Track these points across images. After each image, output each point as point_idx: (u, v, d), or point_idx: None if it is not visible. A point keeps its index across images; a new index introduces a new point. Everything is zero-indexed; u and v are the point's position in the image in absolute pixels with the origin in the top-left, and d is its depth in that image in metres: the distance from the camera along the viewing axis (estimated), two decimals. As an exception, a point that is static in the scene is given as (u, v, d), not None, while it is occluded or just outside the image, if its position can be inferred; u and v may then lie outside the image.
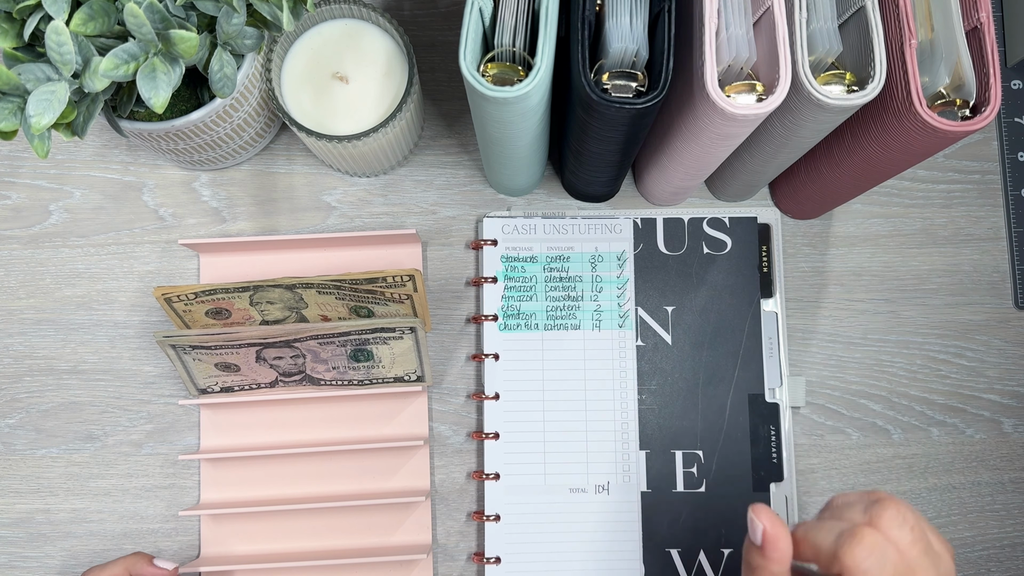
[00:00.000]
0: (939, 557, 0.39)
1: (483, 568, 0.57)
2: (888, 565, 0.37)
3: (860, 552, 0.37)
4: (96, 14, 0.41)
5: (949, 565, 0.40)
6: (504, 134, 0.46)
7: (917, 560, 0.38)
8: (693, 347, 0.59)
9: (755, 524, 0.40)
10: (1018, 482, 0.60)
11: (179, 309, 0.55)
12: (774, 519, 0.40)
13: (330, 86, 0.54)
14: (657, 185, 0.58)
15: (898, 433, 0.60)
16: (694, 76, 0.43)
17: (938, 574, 0.39)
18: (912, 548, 0.38)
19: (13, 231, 0.61)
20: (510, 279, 0.59)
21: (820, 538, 0.39)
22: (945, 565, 0.39)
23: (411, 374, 0.56)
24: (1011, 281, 0.62)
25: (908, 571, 0.38)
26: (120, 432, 0.59)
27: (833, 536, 0.38)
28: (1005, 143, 0.63)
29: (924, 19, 0.45)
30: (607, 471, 0.58)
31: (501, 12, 0.43)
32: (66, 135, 0.43)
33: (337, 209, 0.61)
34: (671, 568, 0.57)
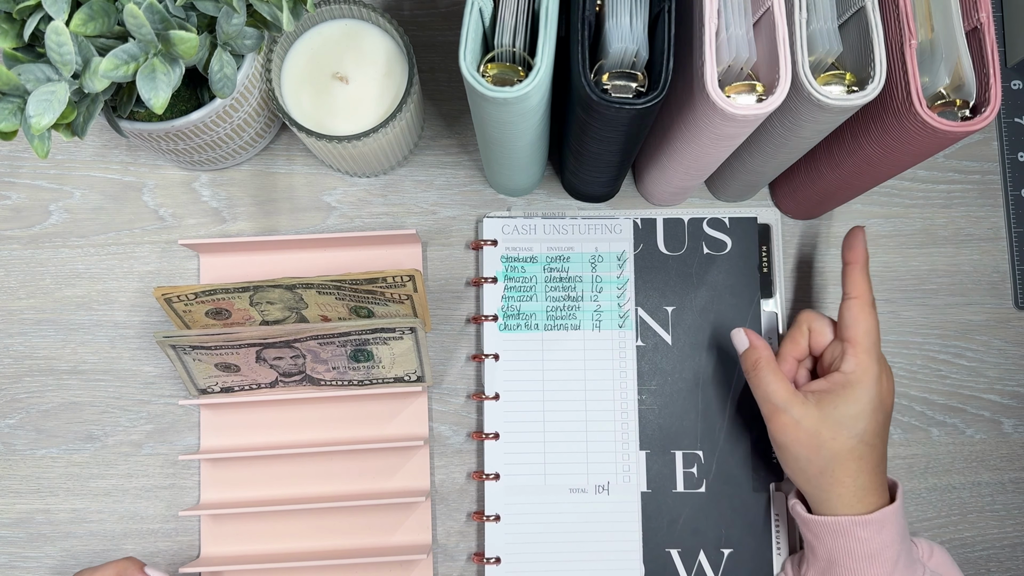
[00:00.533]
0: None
1: (483, 568, 0.57)
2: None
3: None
4: (96, 14, 0.41)
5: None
6: (504, 134, 0.46)
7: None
8: (693, 347, 0.59)
9: (738, 336, 0.53)
10: (1018, 482, 0.60)
11: (179, 309, 0.55)
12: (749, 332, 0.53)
13: (330, 86, 0.54)
14: (657, 185, 0.58)
15: (898, 433, 0.60)
16: (694, 76, 0.43)
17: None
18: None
19: (13, 231, 0.61)
20: (510, 279, 0.59)
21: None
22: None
23: (411, 374, 0.56)
24: (1011, 281, 0.62)
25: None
26: (120, 432, 0.59)
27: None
28: (1005, 143, 0.63)
29: (924, 19, 0.45)
30: (607, 471, 0.58)
31: (501, 12, 0.43)
32: (66, 135, 0.43)
33: (337, 209, 0.61)
34: (671, 568, 0.57)
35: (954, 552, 0.59)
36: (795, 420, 0.49)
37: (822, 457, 0.49)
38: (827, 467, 0.49)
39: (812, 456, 0.49)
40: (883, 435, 0.50)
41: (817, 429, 0.48)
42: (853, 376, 0.49)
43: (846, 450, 0.48)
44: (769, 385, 0.50)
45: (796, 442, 0.49)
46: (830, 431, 0.48)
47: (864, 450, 0.48)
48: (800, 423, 0.49)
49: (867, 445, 0.49)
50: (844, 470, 0.48)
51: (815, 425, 0.49)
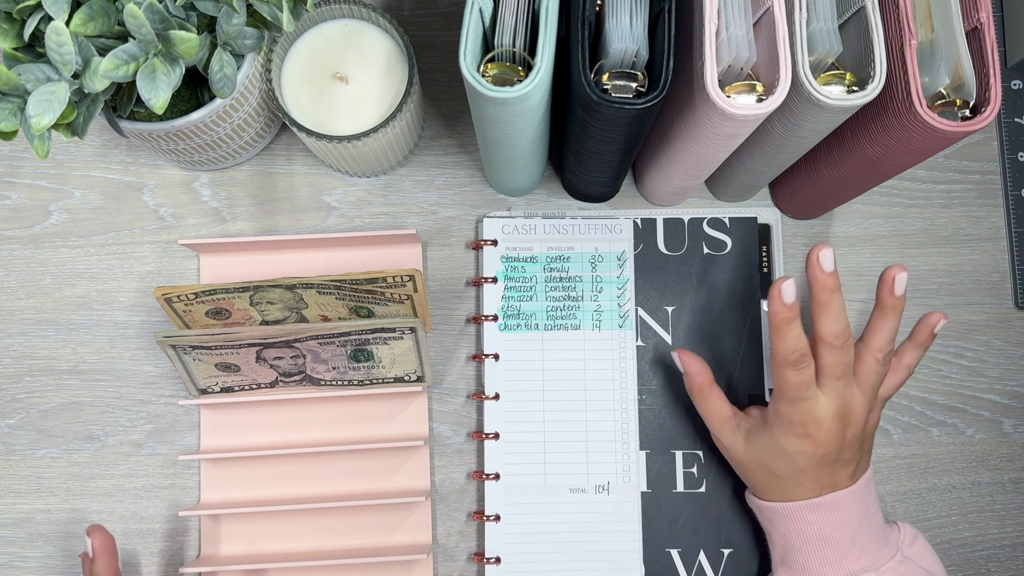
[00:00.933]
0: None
1: (483, 568, 0.57)
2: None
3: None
4: (96, 14, 0.41)
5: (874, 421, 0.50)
6: (504, 134, 0.46)
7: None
8: (693, 347, 0.59)
9: (677, 359, 0.53)
10: (1018, 482, 0.60)
11: (179, 309, 0.55)
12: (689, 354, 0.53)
13: (330, 86, 0.54)
14: (657, 185, 0.58)
15: (898, 433, 0.60)
16: (694, 76, 0.43)
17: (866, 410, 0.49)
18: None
19: (13, 231, 0.61)
20: (510, 279, 0.59)
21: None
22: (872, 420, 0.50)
23: (411, 374, 0.56)
24: (1011, 281, 0.62)
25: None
26: (120, 432, 0.59)
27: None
28: (1005, 143, 0.63)
29: (924, 19, 0.45)
30: (607, 471, 0.58)
31: (501, 12, 0.43)
32: (66, 135, 0.43)
33: (337, 209, 0.61)
34: (671, 568, 0.57)
35: (954, 552, 0.59)
36: (726, 446, 0.52)
37: (759, 477, 0.51)
38: (767, 482, 0.51)
39: (749, 475, 0.52)
40: (811, 474, 0.49)
41: (742, 459, 0.52)
42: (771, 420, 0.50)
43: (767, 481, 0.51)
44: (709, 409, 0.53)
45: (731, 461, 0.53)
46: (752, 463, 0.51)
47: (783, 484, 0.50)
48: (729, 450, 0.52)
49: (798, 470, 0.49)
50: (786, 484, 0.50)
51: (740, 456, 0.52)
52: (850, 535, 0.49)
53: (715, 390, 0.53)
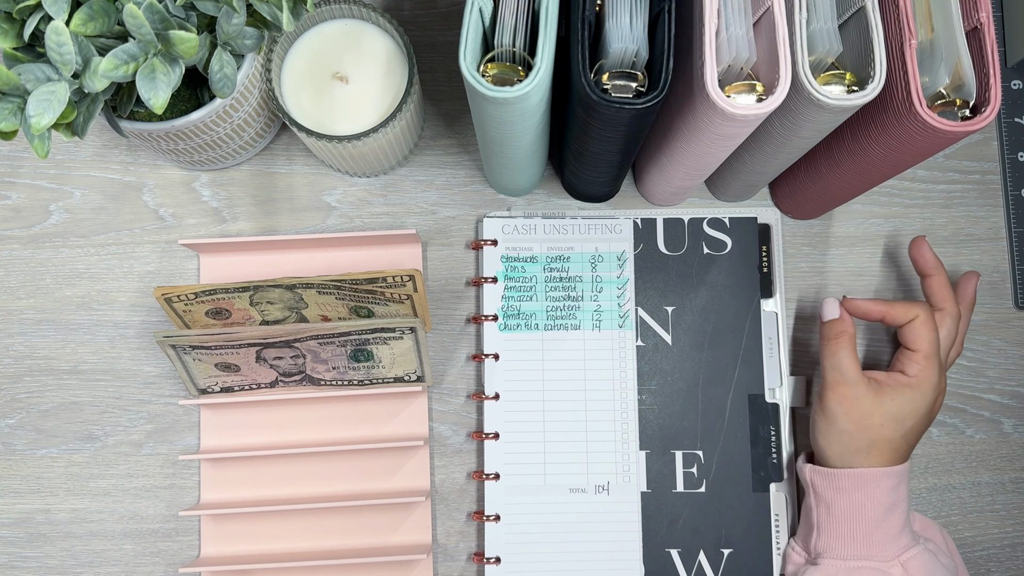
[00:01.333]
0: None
1: (483, 568, 0.57)
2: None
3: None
4: (96, 14, 0.41)
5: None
6: (504, 134, 0.46)
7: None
8: (693, 347, 0.59)
9: (831, 305, 0.54)
10: (1018, 482, 0.60)
11: (179, 309, 0.55)
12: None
13: (330, 86, 0.54)
14: (657, 185, 0.58)
15: (898, 433, 0.60)
16: (694, 76, 0.43)
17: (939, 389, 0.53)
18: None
19: (13, 231, 0.61)
20: (510, 279, 0.59)
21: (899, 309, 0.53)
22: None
23: (411, 374, 0.56)
24: (1011, 281, 0.62)
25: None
26: (120, 432, 0.59)
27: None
28: (1005, 143, 0.63)
29: (924, 19, 0.45)
30: (607, 471, 0.58)
31: (501, 12, 0.43)
32: (66, 135, 0.43)
33: (337, 209, 0.61)
34: (671, 568, 0.57)
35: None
36: (856, 396, 0.52)
37: (865, 437, 0.51)
38: (864, 447, 0.52)
39: (856, 433, 0.52)
40: (917, 438, 0.53)
41: (871, 412, 0.51)
42: (915, 380, 0.52)
43: (888, 440, 0.51)
44: (844, 359, 0.53)
45: (847, 416, 0.52)
46: (881, 419, 0.51)
47: (901, 444, 0.52)
48: (859, 401, 0.52)
49: (905, 441, 0.52)
50: (879, 455, 0.51)
51: (871, 408, 0.51)
52: (906, 508, 0.52)
53: (855, 345, 0.53)
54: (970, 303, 0.57)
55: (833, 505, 0.52)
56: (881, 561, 0.51)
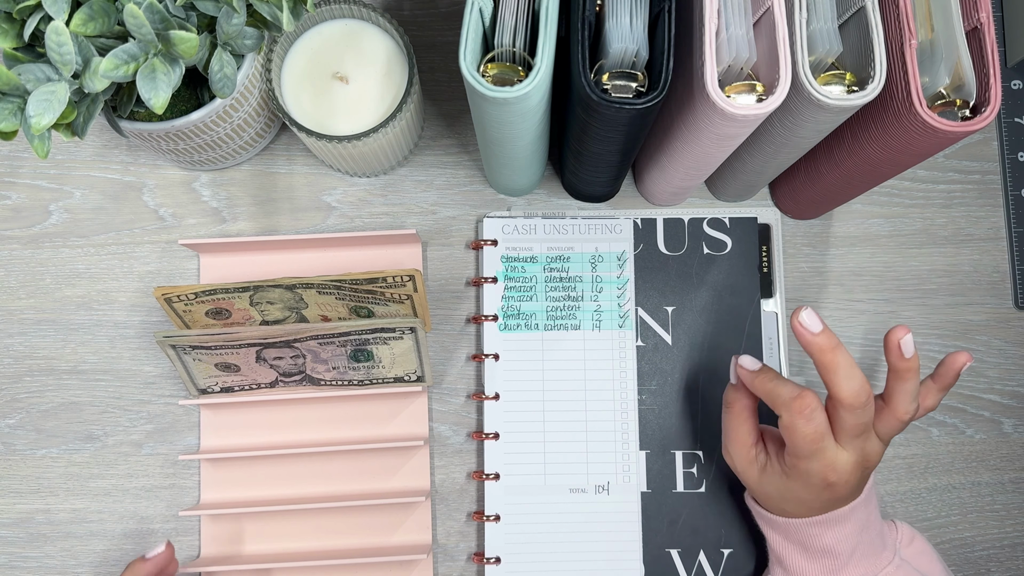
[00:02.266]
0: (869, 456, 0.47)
1: (483, 568, 0.57)
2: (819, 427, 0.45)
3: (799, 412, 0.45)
4: (96, 14, 0.41)
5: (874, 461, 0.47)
6: (504, 134, 0.46)
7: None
8: (693, 347, 0.59)
9: (735, 367, 0.49)
10: (1018, 482, 0.60)
11: (179, 309, 0.55)
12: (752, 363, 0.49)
13: (330, 86, 0.54)
14: (657, 185, 0.58)
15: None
16: (694, 76, 0.43)
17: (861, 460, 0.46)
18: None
19: (13, 231, 0.61)
20: (510, 279, 0.59)
21: (780, 389, 0.47)
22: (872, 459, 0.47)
23: (411, 374, 0.56)
24: (1011, 281, 0.62)
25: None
26: (120, 432, 0.59)
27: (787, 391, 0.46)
28: (1005, 143, 0.63)
29: (924, 19, 0.45)
30: (607, 471, 0.58)
31: (501, 12, 0.43)
32: (66, 135, 0.43)
33: (337, 209, 0.61)
34: (671, 568, 0.57)
35: (954, 552, 0.59)
36: (736, 469, 0.51)
37: (765, 501, 0.50)
38: (773, 505, 0.50)
39: (762, 500, 0.51)
40: (823, 500, 0.47)
41: (753, 489, 0.50)
42: (788, 469, 0.47)
43: (777, 508, 0.50)
44: (733, 433, 0.50)
45: (739, 477, 0.51)
46: (762, 496, 0.50)
47: (798, 509, 0.48)
48: (741, 474, 0.50)
49: (801, 505, 0.48)
50: (792, 508, 0.49)
51: (753, 485, 0.50)
52: (851, 545, 0.48)
53: (753, 415, 0.50)
54: (947, 385, 0.50)
55: (769, 538, 0.51)
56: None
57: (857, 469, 0.46)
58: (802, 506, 0.48)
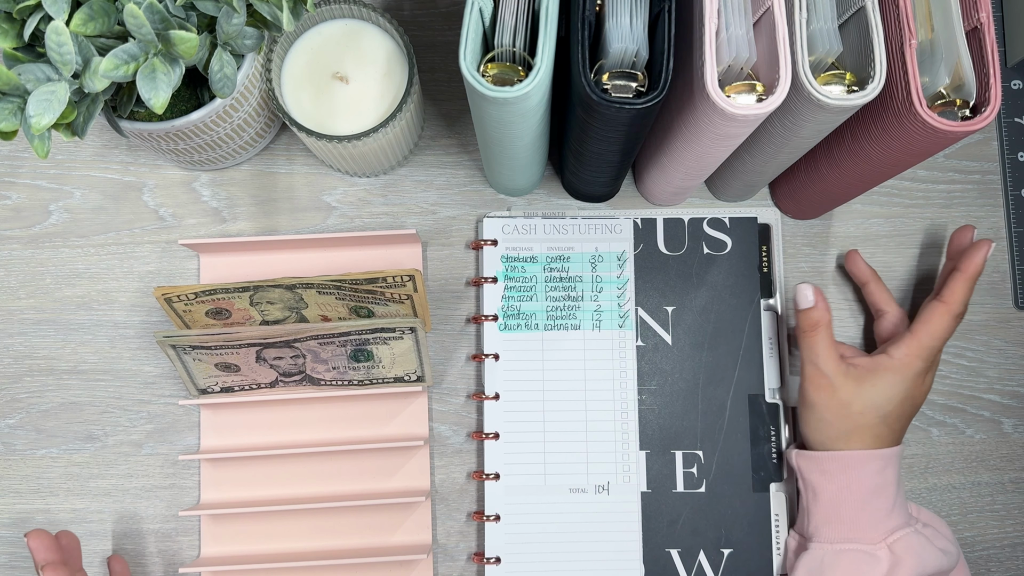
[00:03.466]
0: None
1: (483, 568, 0.57)
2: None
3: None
4: (96, 14, 0.41)
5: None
6: (504, 134, 0.47)
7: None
8: (693, 347, 0.59)
9: (804, 291, 0.53)
10: (1018, 482, 0.60)
11: (179, 309, 0.55)
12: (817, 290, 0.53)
13: (330, 86, 0.54)
14: (657, 185, 0.58)
15: (898, 433, 0.60)
16: (694, 76, 0.43)
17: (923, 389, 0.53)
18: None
19: (13, 231, 0.61)
20: (510, 279, 0.59)
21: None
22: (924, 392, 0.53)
23: (411, 374, 0.56)
24: (1011, 281, 0.62)
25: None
26: (120, 432, 0.59)
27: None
28: (1005, 143, 0.63)
29: (924, 19, 0.45)
30: (607, 471, 0.58)
31: (501, 12, 0.43)
32: (66, 135, 0.43)
33: (337, 209, 0.61)
34: (671, 568, 0.57)
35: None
36: (833, 387, 0.52)
37: (845, 425, 0.52)
38: (845, 434, 0.52)
39: (836, 421, 0.52)
40: (904, 422, 0.53)
41: (850, 400, 0.52)
42: (896, 363, 0.52)
43: (868, 426, 0.52)
44: (822, 351, 0.52)
45: (826, 407, 0.52)
46: (860, 406, 0.51)
47: (883, 430, 0.52)
48: (837, 391, 0.52)
49: (887, 427, 0.52)
50: (860, 440, 0.52)
51: (849, 397, 0.52)
52: (894, 492, 0.52)
53: (831, 333, 0.53)
54: (975, 271, 0.53)
55: (819, 489, 0.53)
56: (868, 544, 0.51)
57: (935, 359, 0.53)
58: (899, 413, 0.52)
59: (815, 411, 0.53)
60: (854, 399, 0.51)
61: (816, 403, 0.52)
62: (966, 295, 0.52)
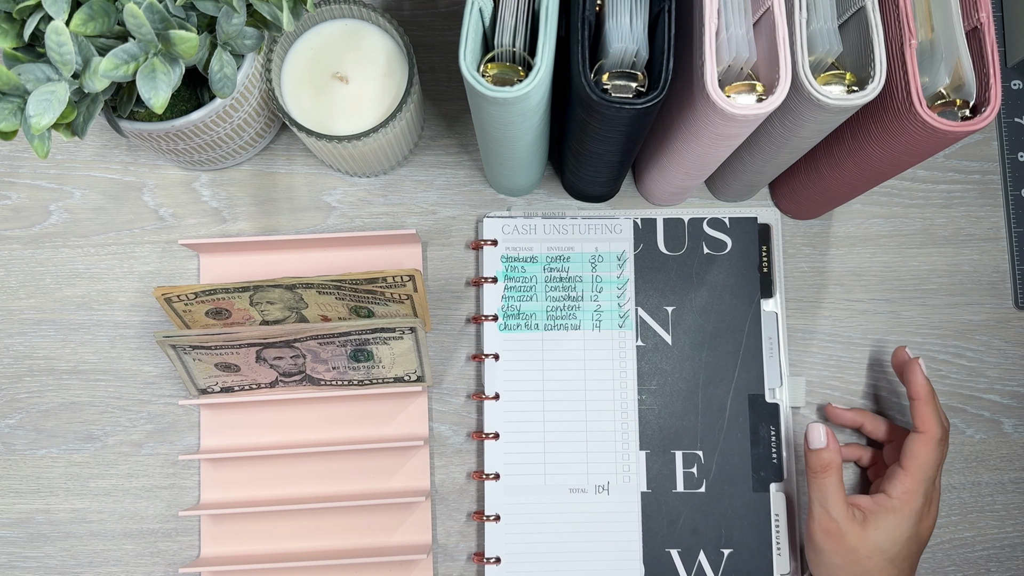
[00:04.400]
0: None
1: (483, 568, 0.57)
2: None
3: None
4: (96, 14, 0.41)
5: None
6: (504, 134, 0.46)
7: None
8: (693, 347, 0.59)
9: (816, 433, 0.53)
10: (1018, 482, 0.60)
11: (179, 309, 0.55)
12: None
13: (330, 86, 0.54)
14: (657, 185, 0.58)
15: (898, 433, 0.60)
16: (694, 76, 0.43)
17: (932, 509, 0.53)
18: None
19: (13, 231, 0.61)
20: (510, 279, 0.59)
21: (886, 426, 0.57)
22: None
23: (411, 374, 0.56)
24: (1011, 281, 0.62)
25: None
26: (120, 432, 0.59)
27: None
28: (1005, 143, 0.63)
29: (924, 19, 0.45)
30: (607, 471, 0.58)
31: (501, 12, 0.43)
32: (66, 135, 0.43)
33: (337, 209, 0.61)
34: (671, 568, 0.57)
35: (954, 552, 0.59)
36: (841, 533, 0.51)
37: (854, 570, 0.51)
38: (861, 573, 0.51)
39: (845, 567, 0.51)
40: (913, 560, 0.52)
41: (856, 546, 0.51)
42: (897, 503, 0.51)
43: (877, 569, 0.51)
44: (832, 495, 0.52)
45: (835, 552, 0.52)
46: (867, 550, 0.51)
47: (892, 572, 0.51)
48: (845, 537, 0.51)
49: (896, 568, 0.51)
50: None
51: (856, 543, 0.51)
52: None
53: (841, 475, 0.52)
54: (924, 392, 0.53)
55: None
56: None
57: (930, 515, 0.53)
58: (906, 553, 0.51)
59: (823, 557, 0.52)
60: (860, 544, 0.51)
61: (824, 550, 0.52)
62: (935, 416, 0.52)
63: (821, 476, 0.52)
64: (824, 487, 0.52)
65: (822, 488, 0.52)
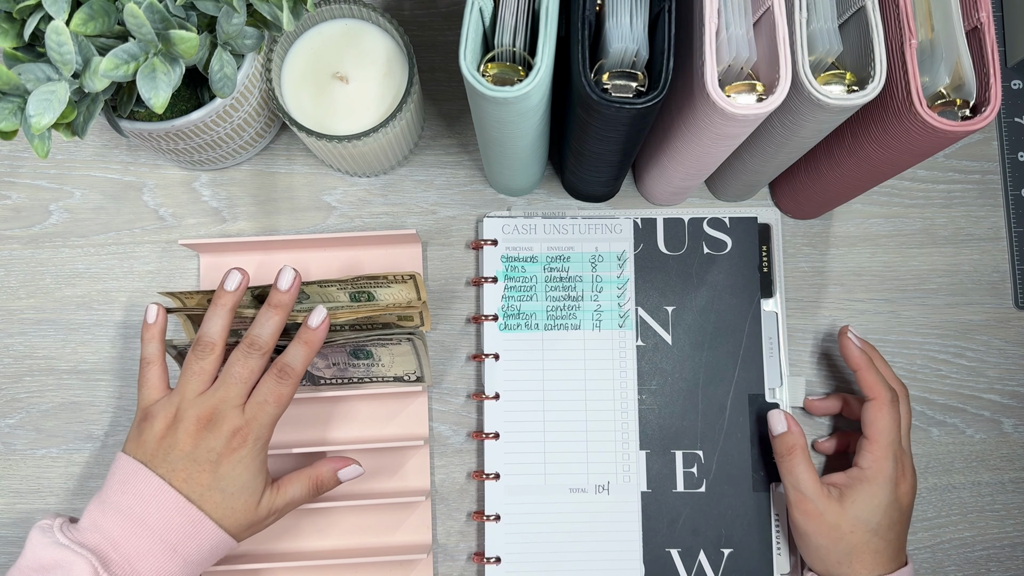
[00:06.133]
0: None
1: (483, 568, 0.57)
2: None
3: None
4: (96, 14, 0.41)
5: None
6: (504, 134, 0.47)
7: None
8: (693, 347, 0.59)
9: (776, 417, 0.54)
10: (1018, 482, 0.60)
11: (183, 312, 0.55)
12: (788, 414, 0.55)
13: (330, 86, 0.54)
14: (657, 185, 0.58)
15: (898, 433, 0.60)
16: (694, 76, 0.43)
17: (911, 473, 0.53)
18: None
19: (13, 231, 0.61)
20: (510, 279, 0.59)
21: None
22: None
23: (411, 374, 0.56)
24: (1011, 281, 0.62)
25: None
26: (120, 432, 0.59)
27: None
28: (1005, 143, 0.63)
29: (924, 19, 0.45)
30: (607, 471, 0.58)
31: (501, 12, 0.43)
32: (66, 135, 0.43)
33: (337, 209, 0.61)
34: (671, 568, 0.57)
35: (954, 552, 0.59)
36: (819, 511, 0.51)
37: (841, 548, 0.51)
38: (845, 557, 0.51)
39: (831, 546, 0.51)
40: (898, 529, 0.52)
41: (837, 522, 0.51)
42: (869, 472, 0.51)
43: (863, 543, 0.51)
44: (801, 474, 0.52)
45: (818, 532, 0.52)
46: (849, 525, 0.51)
47: (879, 543, 0.51)
48: (824, 515, 0.51)
49: (882, 539, 0.51)
50: (861, 562, 0.51)
51: (836, 518, 0.51)
52: None
53: (808, 455, 0.53)
54: (862, 361, 0.54)
55: None
56: None
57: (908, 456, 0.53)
58: (889, 523, 0.51)
59: (809, 540, 0.52)
60: (841, 520, 0.51)
61: (807, 532, 0.52)
62: (879, 381, 0.53)
63: (788, 459, 0.53)
64: (793, 468, 0.53)
65: (791, 470, 0.53)
